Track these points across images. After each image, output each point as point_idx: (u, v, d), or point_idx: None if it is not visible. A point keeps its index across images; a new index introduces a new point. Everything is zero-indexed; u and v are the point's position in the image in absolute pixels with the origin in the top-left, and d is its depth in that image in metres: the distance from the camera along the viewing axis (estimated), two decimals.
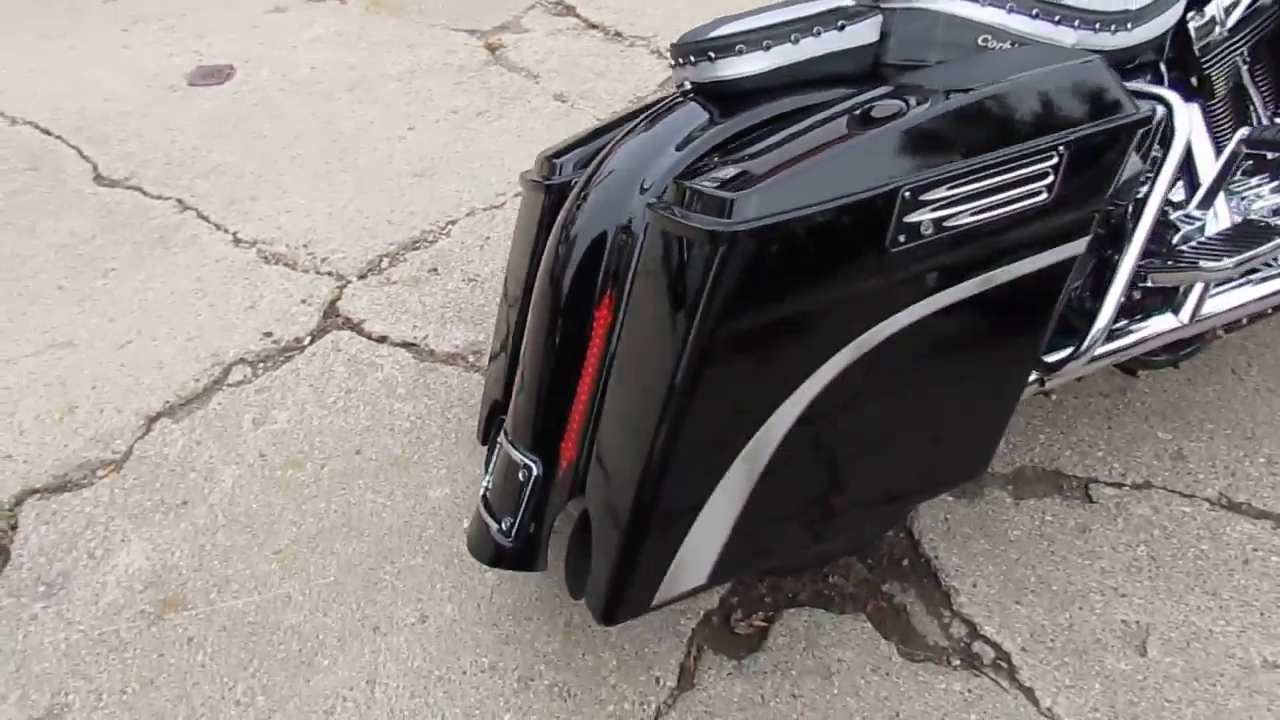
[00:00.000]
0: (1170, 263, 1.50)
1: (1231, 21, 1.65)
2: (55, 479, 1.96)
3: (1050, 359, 1.47)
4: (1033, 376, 1.54)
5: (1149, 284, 1.50)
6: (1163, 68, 1.60)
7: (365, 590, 1.74)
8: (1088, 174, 1.24)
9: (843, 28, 1.39)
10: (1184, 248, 1.54)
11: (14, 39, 3.85)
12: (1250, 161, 1.78)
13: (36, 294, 2.46)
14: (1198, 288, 1.61)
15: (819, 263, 1.13)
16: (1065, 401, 2.04)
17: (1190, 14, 1.64)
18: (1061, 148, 1.19)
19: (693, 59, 1.40)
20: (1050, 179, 1.19)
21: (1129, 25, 1.53)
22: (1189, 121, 1.42)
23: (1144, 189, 1.54)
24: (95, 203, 2.82)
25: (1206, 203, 1.58)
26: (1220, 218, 1.61)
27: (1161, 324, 1.62)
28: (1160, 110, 1.43)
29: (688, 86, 1.46)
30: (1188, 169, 1.66)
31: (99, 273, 2.53)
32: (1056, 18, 1.46)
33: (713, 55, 1.38)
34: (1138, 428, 1.98)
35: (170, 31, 3.88)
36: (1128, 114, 1.24)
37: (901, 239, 1.14)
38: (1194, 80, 1.69)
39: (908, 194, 1.13)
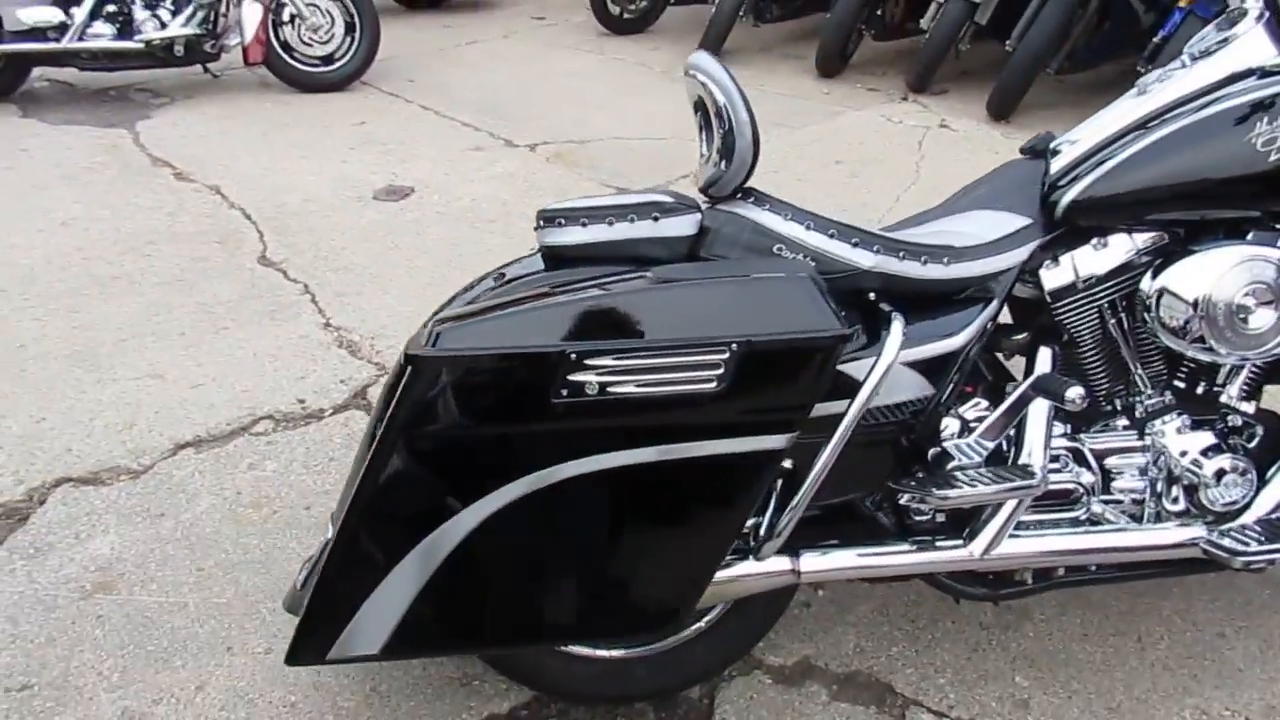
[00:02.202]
0: (910, 482, 1.54)
1: (1088, 273, 1.68)
2: (89, 474, 2.46)
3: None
4: (786, 565, 1.61)
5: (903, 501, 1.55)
6: (995, 304, 1.66)
7: (242, 617, 2.04)
8: (774, 377, 1.37)
9: (657, 219, 1.61)
10: (956, 474, 1.57)
11: (270, 144, 4.78)
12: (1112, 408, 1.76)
13: (162, 335, 3.07)
14: (995, 523, 1.62)
15: (492, 398, 1.35)
16: (940, 622, 2.01)
17: (1047, 260, 1.70)
18: (735, 346, 1.33)
19: (535, 224, 1.67)
20: (719, 371, 1.34)
21: (945, 260, 1.63)
22: (897, 347, 1.48)
23: (926, 412, 1.61)
24: (248, 276, 3.47)
25: (988, 436, 1.60)
26: (1028, 459, 1.62)
27: (949, 551, 1.64)
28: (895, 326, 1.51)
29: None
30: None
31: (215, 328, 3.12)
32: (855, 240, 1.60)
33: (542, 224, 1.65)
34: (998, 666, 1.92)
35: (384, 154, 4.66)
36: (817, 330, 1.36)
37: (564, 393, 1.33)
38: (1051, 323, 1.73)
39: (573, 356, 1.32)
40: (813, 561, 1.61)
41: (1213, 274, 1.59)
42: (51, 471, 2.46)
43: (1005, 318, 1.85)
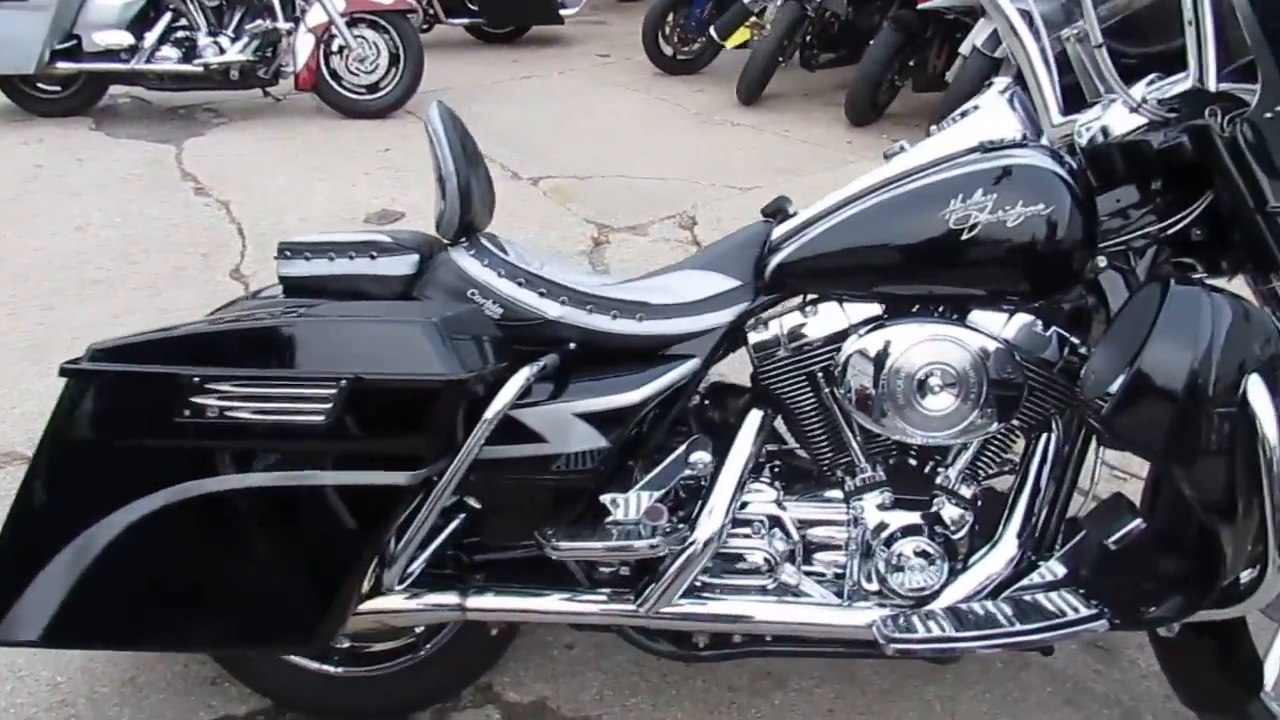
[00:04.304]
0: (549, 530, 1.56)
1: (794, 339, 1.66)
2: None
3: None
4: (454, 600, 1.65)
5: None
6: (694, 363, 1.65)
7: None
8: (386, 415, 1.43)
9: (374, 258, 1.71)
10: (609, 527, 1.58)
11: (295, 165, 5.09)
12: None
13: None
14: (663, 581, 1.62)
15: (126, 413, 1.46)
16: (693, 680, 1.99)
17: (755, 324, 1.69)
18: (343, 382, 1.41)
19: (274, 255, 1.79)
20: (329, 405, 1.41)
21: (638, 316, 1.65)
22: (510, 396, 1.50)
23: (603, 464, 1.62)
24: (212, 288, 3.72)
25: (648, 490, 1.60)
26: (707, 519, 1.61)
27: (617, 604, 1.64)
28: (539, 369, 1.55)
29: None
30: None
31: None
32: (542, 290, 1.64)
33: (275, 256, 1.76)
34: None
35: (394, 180, 4.90)
36: (429, 374, 1.41)
37: (187, 413, 1.43)
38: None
39: (196, 379, 1.42)
40: (481, 600, 1.65)
41: (896, 348, 1.56)
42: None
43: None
